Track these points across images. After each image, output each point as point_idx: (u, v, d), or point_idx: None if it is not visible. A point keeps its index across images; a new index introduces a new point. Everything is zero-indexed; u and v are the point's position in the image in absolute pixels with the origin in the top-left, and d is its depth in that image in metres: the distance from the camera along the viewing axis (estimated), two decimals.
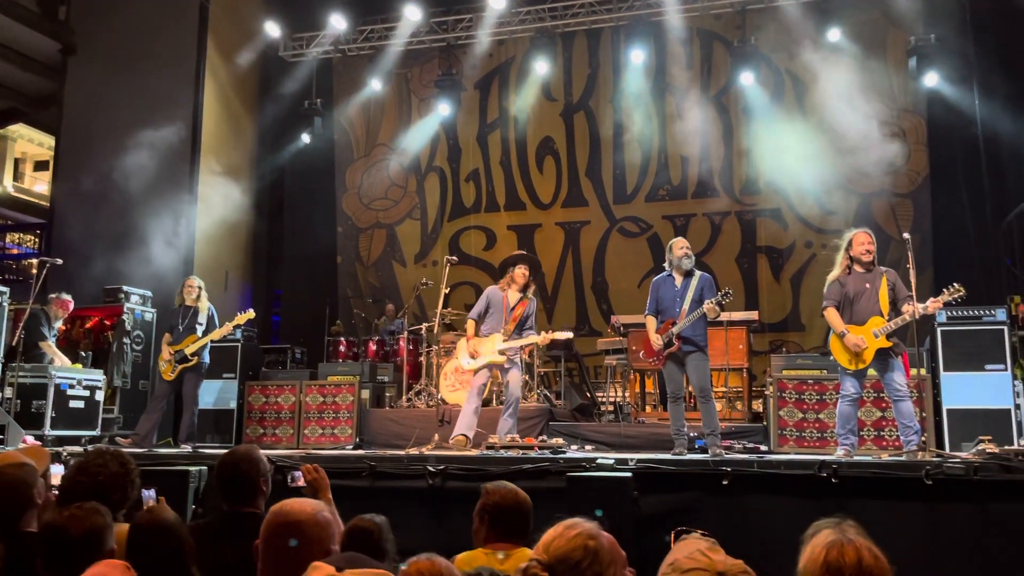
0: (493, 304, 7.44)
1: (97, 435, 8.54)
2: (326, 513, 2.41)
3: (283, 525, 2.33)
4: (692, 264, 6.83)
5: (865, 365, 6.15)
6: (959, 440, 7.13)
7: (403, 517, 5.54)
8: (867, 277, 6.23)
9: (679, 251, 6.81)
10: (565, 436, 7.95)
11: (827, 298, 6.37)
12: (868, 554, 1.80)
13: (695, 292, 6.68)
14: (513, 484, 3.34)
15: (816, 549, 1.82)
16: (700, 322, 6.64)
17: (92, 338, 9.52)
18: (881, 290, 6.17)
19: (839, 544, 1.81)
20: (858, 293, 6.21)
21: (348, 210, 13.20)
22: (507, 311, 7.36)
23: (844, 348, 6.19)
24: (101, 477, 2.94)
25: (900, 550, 4.98)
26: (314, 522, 2.34)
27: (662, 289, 6.88)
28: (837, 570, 1.78)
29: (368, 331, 11.63)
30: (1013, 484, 5.00)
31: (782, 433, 7.62)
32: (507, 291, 7.45)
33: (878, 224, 10.85)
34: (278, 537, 2.31)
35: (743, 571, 1.55)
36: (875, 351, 6.08)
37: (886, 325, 6.03)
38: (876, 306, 6.11)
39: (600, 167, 12.21)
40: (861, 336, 6.11)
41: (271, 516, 2.38)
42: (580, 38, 12.37)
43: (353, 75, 13.01)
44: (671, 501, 5.49)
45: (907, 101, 10.91)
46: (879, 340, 6.06)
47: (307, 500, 2.48)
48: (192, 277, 8.76)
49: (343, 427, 8.94)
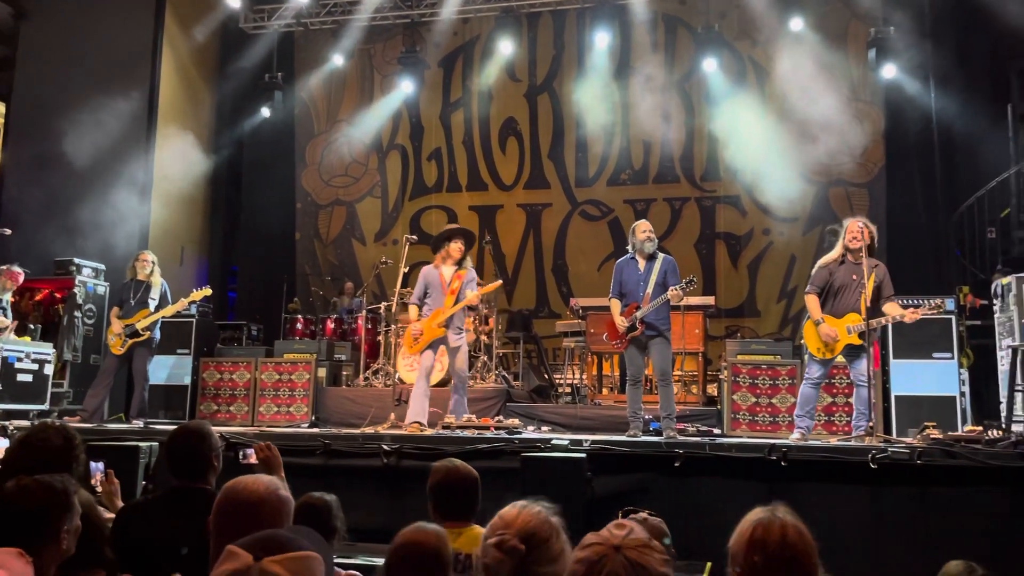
0: (431, 283, 7.35)
1: (46, 409, 8.38)
2: (282, 491, 2.39)
3: (237, 502, 2.30)
4: (655, 247, 6.85)
5: (833, 356, 6.25)
6: (906, 426, 7.28)
7: (357, 495, 5.55)
8: (856, 269, 6.22)
9: (641, 234, 6.84)
10: (522, 417, 8.00)
11: (811, 283, 6.41)
12: (793, 531, 1.87)
13: (658, 275, 6.71)
14: (463, 462, 3.35)
15: (744, 525, 1.90)
16: (663, 307, 6.68)
17: (42, 311, 9.32)
18: (868, 284, 6.16)
19: (765, 521, 1.89)
20: (844, 285, 6.24)
21: (307, 186, 13.05)
22: (445, 287, 7.30)
23: (816, 336, 6.25)
24: (44, 452, 2.88)
25: (845, 531, 5.13)
26: (269, 500, 2.32)
27: (625, 272, 6.90)
28: (761, 546, 1.85)
29: (326, 309, 11.54)
30: (954, 469, 5.14)
31: (735, 417, 7.73)
32: (441, 267, 7.38)
33: (835, 213, 11.02)
34: (231, 515, 2.28)
35: (642, 544, 1.57)
36: (845, 346, 6.17)
37: (861, 324, 6.07)
38: (857, 302, 6.13)
39: (563, 149, 12.22)
40: (835, 329, 6.17)
41: (224, 493, 2.35)
42: (545, 19, 12.33)
43: (315, 49, 12.83)
44: (624, 482, 5.56)
45: (866, 92, 11.06)
46: (851, 336, 6.13)
47: (262, 476, 2.45)
48: (146, 251, 8.61)
49: (299, 405, 8.88)
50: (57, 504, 2.40)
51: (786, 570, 1.84)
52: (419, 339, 7.25)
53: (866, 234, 6.25)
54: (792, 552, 1.85)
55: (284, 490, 2.40)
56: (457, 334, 7.28)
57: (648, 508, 2.88)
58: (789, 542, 1.86)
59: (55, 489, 2.42)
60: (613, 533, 1.61)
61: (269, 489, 2.35)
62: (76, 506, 2.45)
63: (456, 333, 7.28)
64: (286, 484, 3.27)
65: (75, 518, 2.43)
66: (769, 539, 1.87)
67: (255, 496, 2.30)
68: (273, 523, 2.29)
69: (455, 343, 7.26)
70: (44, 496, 2.38)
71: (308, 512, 2.93)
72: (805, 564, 1.86)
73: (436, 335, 7.22)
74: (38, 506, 2.37)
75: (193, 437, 3.06)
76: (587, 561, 1.58)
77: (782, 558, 1.84)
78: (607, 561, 1.55)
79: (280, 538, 1.74)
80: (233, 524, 2.27)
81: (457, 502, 3.17)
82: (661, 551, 1.60)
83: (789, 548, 1.85)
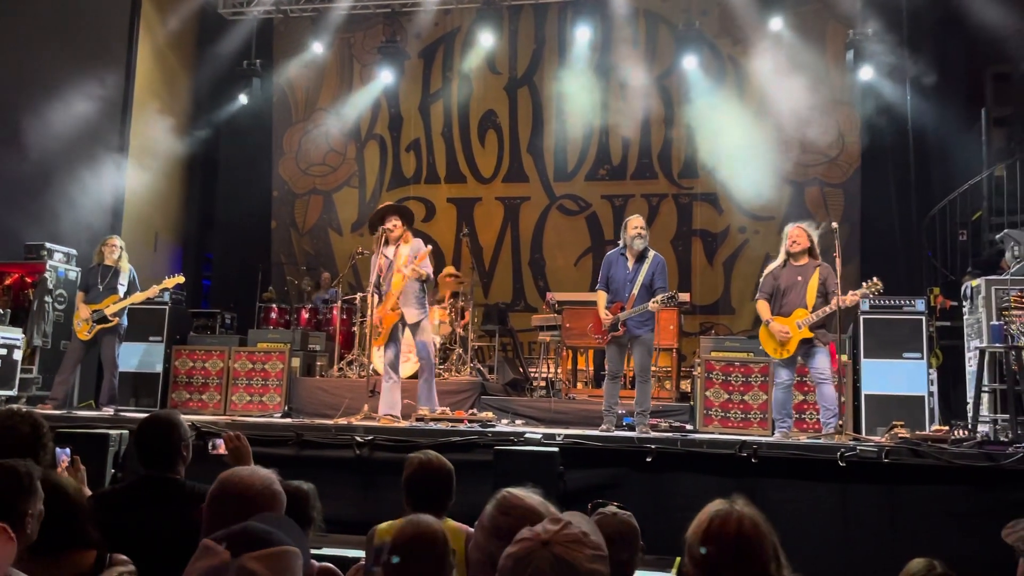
0: (381, 268, 7.22)
1: (14, 395, 8.27)
2: (276, 486, 2.38)
3: (231, 494, 2.29)
4: (644, 244, 6.83)
5: (790, 354, 6.44)
6: (876, 424, 7.38)
7: (330, 486, 5.49)
8: (800, 270, 6.52)
9: (632, 230, 6.83)
10: (496, 410, 8.00)
11: (760, 290, 6.72)
12: (748, 523, 1.90)
13: (646, 276, 6.73)
14: (438, 454, 3.35)
15: (702, 516, 1.92)
16: (647, 312, 6.70)
17: (11, 296, 9.18)
18: (811, 283, 6.44)
19: (723, 513, 1.92)
20: (789, 286, 6.51)
21: (284, 174, 12.95)
22: (388, 268, 7.21)
23: (770, 337, 6.49)
24: (11, 439, 2.85)
25: (814, 527, 5.19)
26: (264, 494, 2.32)
27: (614, 268, 6.90)
28: (716, 536, 1.88)
29: (301, 299, 11.47)
30: (921, 468, 5.22)
31: (708, 413, 7.79)
32: (384, 250, 7.26)
33: (810, 212, 11.11)
34: (225, 506, 2.27)
35: (573, 540, 1.56)
36: (798, 341, 6.38)
37: (809, 316, 6.33)
38: (803, 299, 6.40)
39: (542, 143, 12.21)
40: (785, 326, 6.41)
41: (219, 484, 2.34)
42: (527, 12, 12.31)
43: (294, 37, 12.72)
44: (596, 476, 5.59)
45: (843, 93, 11.15)
46: (802, 331, 6.36)
47: (258, 470, 2.44)
48: (114, 236, 8.52)
49: (272, 395, 8.83)
50: (20, 488, 2.37)
51: (739, 560, 1.87)
52: (380, 330, 7.16)
53: (804, 238, 6.59)
54: (746, 543, 1.88)
55: (278, 484, 2.40)
56: (416, 309, 7.10)
57: (619, 502, 2.90)
58: (744, 533, 1.89)
59: (18, 472, 2.39)
60: (546, 528, 1.58)
61: (264, 483, 2.35)
62: (39, 491, 2.42)
63: (415, 308, 7.10)
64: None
65: (38, 503, 2.40)
66: (725, 530, 1.89)
67: (251, 490, 2.30)
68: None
69: (413, 319, 7.11)
70: (6, 480, 2.35)
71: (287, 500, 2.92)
72: (758, 555, 1.89)
73: (392, 320, 7.14)
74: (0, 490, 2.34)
75: (163, 426, 3.04)
76: (514, 556, 1.55)
77: (735, 549, 1.87)
78: (533, 557, 1.53)
79: (257, 532, 1.72)
80: (226, 516, 2.26)
81: (431, 495, 3.17)
82: (596, 547, 1.57)
83: (743, 539, 1.89)
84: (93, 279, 8.16)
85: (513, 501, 1.93)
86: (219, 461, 3.17)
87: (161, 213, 11.90)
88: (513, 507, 1.91)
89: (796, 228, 6.64)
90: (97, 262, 8.24)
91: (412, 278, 7.06)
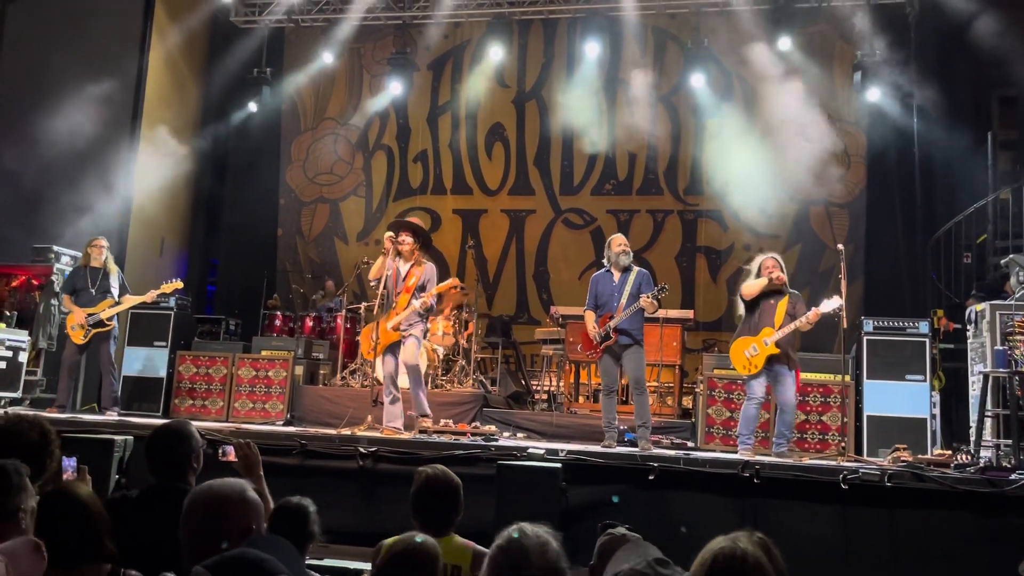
0: (388, 279, 7.19)
1: (18, 397, 8.30)
2: (249, 493, 2.40)
3: (204, 503, 2.32)
4: (629, 260, 7.00)
5: (757, 370, 6.63)
6: (877, 446, 7.38)
7: (332, 498, 5.54)
8: (773, 295, 6.75)
9: (617, 247, 7.00)
10: (498, 423, 8.02)
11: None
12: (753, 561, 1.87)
13: (632, 287, 6.86)
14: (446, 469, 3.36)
15: (706, 555, 1.90)
16: (637, 316, 6.79)
17: (18, 298, 9.22)
18: (780, 305, 6.65)
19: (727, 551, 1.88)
20: (762, 310, 6.74)
21: (291, 182, 13.00)
22: (398, 283, 7.20)
23: (740, 355, 6.71)
24: (20, 446, 2.86)
25: (815, 549, 5.19)
26: (234, 500, 2.33)
27: (600, 284, 7.04)
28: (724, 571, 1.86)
29: (305, 307, 11.51)
30: (923, 492, 5.22)
31: (709, 431, 7.80)
32: (398, 262, 7.26)
33: (815, 232, 11.15)
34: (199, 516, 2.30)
35: None
36: (765, 357, 6.58)
37: (775, 333, 6.55)
38: (771, 319, 6.64)
39: (548, 157, 12.26)
40: (754, 344, 6.62)
41: (193, 494, 2.37)
42: (536, 27, 12.37)
43: (305, 46, 12.79)
44: (598, 493, 5.59)
45: (850, 114, 11.19)
46: (769, 347, 6.56)
47: (230, 479, 2.45)
48: (100, 237, 8.42)
49: (275, 402, 8.85)
50: (10, 485, 2.40)
51: None
52: (377, 344, 7.13)
53: (778, 268, 6.78)
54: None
55: (254, 492, 2.41)
56: (405, 328, 7.09)
57: (621, 521, 2.92)
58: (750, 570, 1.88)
59: (7, 470, 2.43)
60: None
61: (236, 492, 2.36)
62: (30, 487, 2.46)
63: (413, 325, 7.10)
64: (264, 484, 3.29)
65: (30, 499, 2.44)
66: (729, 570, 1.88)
67: (221, 497, 2.32)
68: (241, 524, 2.31)
69: (405, 340, 7.09)
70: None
71: (285, 517, 2.93)
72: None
73: (391, 339, 7.13)
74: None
75: (174, 437, 3.06)
76: None
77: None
78: None
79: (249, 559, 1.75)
80: (201, 525, 2.29)
81: (438, 510, 3.18)
82: None
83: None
84: (82, 282, 8.11)
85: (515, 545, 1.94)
86: (228, 468, 3.19)
87: (168, 218, 11.94)
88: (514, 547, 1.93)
89: (770, 259, 6.83)
90: (83, 264, 8.19)
91: (418, 309, 7.09)
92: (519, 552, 1.90)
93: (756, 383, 6.66)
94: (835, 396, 7.65)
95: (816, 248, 11.12)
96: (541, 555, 1.91)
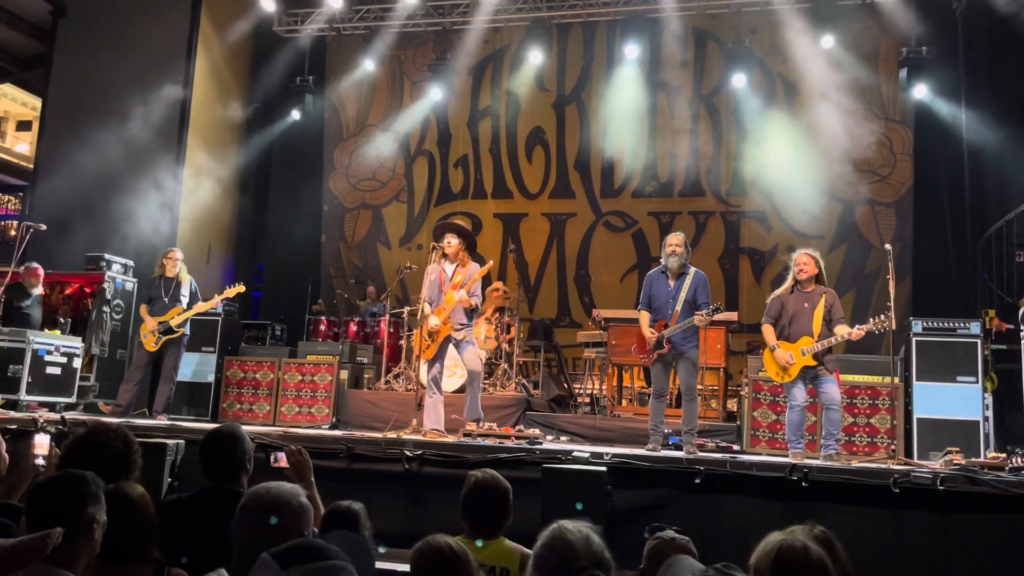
0: (432, 281, 7.36)
1: (73, 402, 8.51)
2: (302, 498, 2.44)
3: (257, 507, 2.36)
4: (679, 263, 6.78)
5: (791, 378, 6.50)
6: (928, 449, 7.25)
7: (379, 501, 5.59)
8: (807, 296, 6.58)
9: (667, 248, 6.83)
10: (541, 426, 8.03)
11: (766, 314, 6.75)
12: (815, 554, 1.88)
13: (688, 292, 6.70)
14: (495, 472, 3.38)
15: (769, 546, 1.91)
16: (691, 327, 6.69)
17: (71, 305, 9.46)
18: (817, 309, 6.50)
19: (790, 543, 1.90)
20: (796, 313, 6.57)
21: (335, 189, 13.15)
22: (445, 283, 7.32)
23: (773, 362, 6.56)
24: (105, 454, 2.90)
25: (865, 554, 5.12)
26: (290, 505, 2.37)
27: (655, 286, 6.88)
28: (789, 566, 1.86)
29: (349, 311, 11.62)
30: (977, 496, 5.10)
31: (755, 434, 7.73)
32: (442, 263, 7.40)
33: (860, 231, 10.99)
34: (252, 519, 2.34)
35: None
36: (800, 368, 6.44)
37: (814, 345, 6.40)
38: (809, 326, 6.47)
39: (589, 160, 12.24)
40: (790, 352, 6.46)
41: (247, 497, 2.41)
42: (575, 30, 12.37)
43: (347, 54, 12.94)
44: (644, 497, 5.55)
45: (896, 111, 11.01)
46: (806, 358, 6.42)
47: (284, 484, 2.50)
48: (174, 248, 8.74)
49: (320, 406, 8.96)
50: (88, 494, 2.45)
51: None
52: (433, 340, 7.25)
53: (812, 265, 6.60)
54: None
55: (305, 498, 2.45)
56: (458, 329, 7.23)
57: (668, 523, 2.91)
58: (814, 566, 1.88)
59: (86, 479, 2.47)
60: None
61: (291, 496, 2.40)
62: (103, 500, 2.51)
63: (457, 328, 7.23)
64: (315, 489, 3.33)
65: (103, 511, 2.49)
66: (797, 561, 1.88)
67: (279, 501, 2.36)
68: (295, 528, 2.35)
69: (459, 336, 7.24)
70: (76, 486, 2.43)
71: (336, 520, 2.98)
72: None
73: (446, 332, 7.25)
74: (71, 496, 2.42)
75: (227, 440, 3.13)
76: None
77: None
78: None
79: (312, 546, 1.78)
80: (256, 527, 2.33)
81: (487, 514, 3.20)
82: None
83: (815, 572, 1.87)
84: (156, 291, 8.37)
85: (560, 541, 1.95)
86: (280, 474, 3.24)
87: (214, 225, 12.16)
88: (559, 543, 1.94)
89: (804, 255, 6.66)
90: (158, 274, 8.46)
91: (462, 305, 7.20)
92: (565, 547, 1.92)
93: (796, 389, 6.52)
94: (883, 398, 7.53)
95: (862, 248, 10.95)
96: (587, 547, 1.94)
